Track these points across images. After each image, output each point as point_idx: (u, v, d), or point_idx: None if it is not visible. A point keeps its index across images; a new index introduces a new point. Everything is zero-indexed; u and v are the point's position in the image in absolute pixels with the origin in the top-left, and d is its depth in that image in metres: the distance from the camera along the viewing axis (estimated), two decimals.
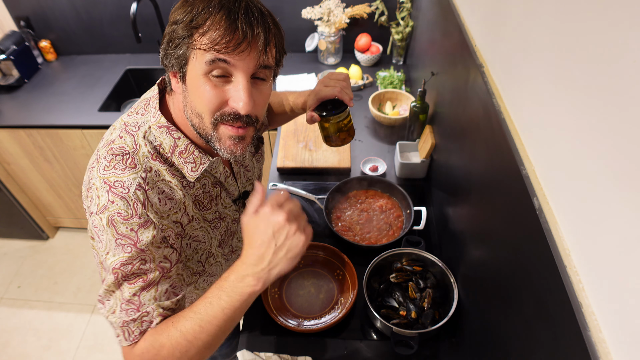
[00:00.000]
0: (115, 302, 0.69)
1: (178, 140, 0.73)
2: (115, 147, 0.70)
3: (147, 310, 0.68)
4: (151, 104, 0.75)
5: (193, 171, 0.75)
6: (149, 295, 0.69)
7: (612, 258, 0.47)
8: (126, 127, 0.73)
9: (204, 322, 0.66)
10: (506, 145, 0.73)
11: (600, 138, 0.49)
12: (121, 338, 0.68)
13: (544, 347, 0.59)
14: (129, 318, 0.68)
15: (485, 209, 0.88)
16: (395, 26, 1.94)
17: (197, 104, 0.67)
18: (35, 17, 2.13)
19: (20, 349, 2.02)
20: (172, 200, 0.73)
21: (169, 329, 0.67)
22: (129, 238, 0.67)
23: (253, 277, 0.66)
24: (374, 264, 1.10)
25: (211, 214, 0.83)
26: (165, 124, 0.73)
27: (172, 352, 0.66)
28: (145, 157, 0.70)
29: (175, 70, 0.68)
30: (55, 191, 2.22)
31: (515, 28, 0.77)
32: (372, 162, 1.52)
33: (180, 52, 0.64)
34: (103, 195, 0.67)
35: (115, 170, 0.68)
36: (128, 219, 0.67)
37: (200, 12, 0.62)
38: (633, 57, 0.43)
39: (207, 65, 0.63)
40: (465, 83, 1.02)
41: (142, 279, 0.68)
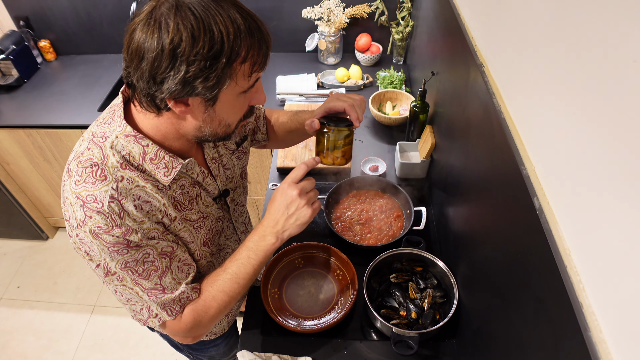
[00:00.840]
0: (142, 297, 0.76)
1: (147, 147, 0.73)
2: (84, 160, 0.70)
3: (183, 290, 0.79)
4: (116, 113, 0.74)
5: (166, 175, 0.75)
6: (169, 279, 0.77)
7: (613, 258, 0.47)
8: (93, 138, 0.72)
9: (240, 279, 0.82)
10: (506, 145, 0.73)
11: (601, 138, 0.49)
12: (163, 315, 0.79)
13: (544, 348, 0.59)
14: (168, 300, 0.77)
15: (485, 209, 0.88)
16: (395, 26, 1.94)
17: (231, 116, 0.73)
18: (35, 17, 2.13)
19: (19, 349, 2.02)
20: (149, 204, 0.73)
21: (211, 292, 0.82)
22: (119, 243, 0.70)
23: (272, 235, 0.82)
24: (374, 264, 1.10)
25: (194, 214, 0.84)
26: (131, 132, 0.72)
27: (219, 309, 0.82)
28: (114, 167, 0.70)
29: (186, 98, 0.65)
30: (54, 191, 2.22)
31: (515, 28, 0.77)
32: (372, 162, 1.51)
33: (215, 84, 0.63)
34: (78, 210, 0.68)
35: (86, 184, 0.68)
36: (109, 231, 0.68)
37: (236, 41, 0.62)
38: (633, 57, 0.43)
39: (249, 86, 0.69)
40: (465, 83, 1.02)
41: (153, 270, 0.75)
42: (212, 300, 0.82)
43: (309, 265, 1.21)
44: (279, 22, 2.04)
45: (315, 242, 1.22)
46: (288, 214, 0.81)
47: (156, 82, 0.62)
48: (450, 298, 1.05)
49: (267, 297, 1.12)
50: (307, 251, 1.22)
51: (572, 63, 0.56)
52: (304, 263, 1.21)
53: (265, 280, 1.15)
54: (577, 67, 0.55)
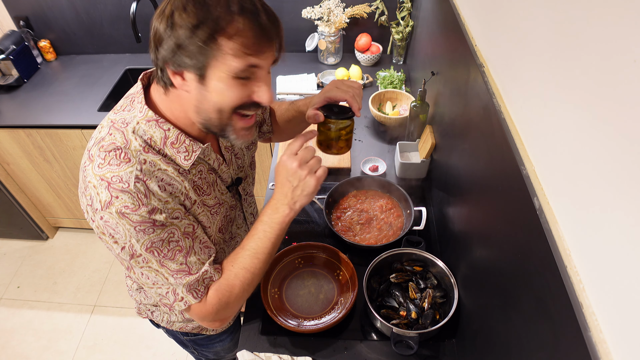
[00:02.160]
0: (168, 279, 0.76)
1: (168, 131, 0.75)
2: (106, 144, 0.71)
3: (206, 269, 0.79)
4: (136, 99, 0.75)
5: (186, 159, 0.77)
6: (194, 259, 0.78)
7: (613, 258, 0.47)
8: (114, 124, 0.74)
9: (259, 254, 0.82)
10: (506, 145, 0.73)
11: (601, 138, 0.49)
12: (189, 299, 0.78)
13: (544, 348, 0.59)
14: (192, 281, 0.77)
15: (485, 209, 0.88)
16: (395, 26, 1.94)
17: (221, 101, 0.70)
18: (35, 17, 2.12)
19: (19, 349, 2.02)
20: (172, 186, 0.75)
21: (233, 270, 0.82)
22: (146, 222, 0.70)
23: (285, 206, 0.82)
24: (374, 264, 1.10)
25: (211, 200, 0.86)
26: (153, 117, 0.74)
27: (243, 287, 0.82)
28: (137, 151, 0.71)
29: (182, 70, 0.67)
30: (54, 191, 2.22)
31: (515, 28, 0.77)
32: (372, 162, 1.51)
33: (198, 55, 0.64)
34: (103, 192, 0.68)
35: (110, 166, 0.69)
36: (136, 210, 0.69)
37: (222, 16, 0.62)
38: (633, 57, 0.43)
39: (239, 70, 0.66)
40: (465, 83, 1.02)
41: (178, 250, 0.76)
42: (234, 279, 0.81)
43: (309, 265, 1.21)
44: None
45: (315, 242, 1.22)
46: (293, 187, 0.80)
47: (157, 50, 0.66)
48: (450, 298, 1.05)
49: (267, 297, 1.12)
50: (307, 251, 1.22)
51: (572, 63, 0.56)
52: (304, 263, 1.21)
53: (265, 280, 1.15)
54: (577, 67, 0.55)
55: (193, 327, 1.10)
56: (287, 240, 1.29)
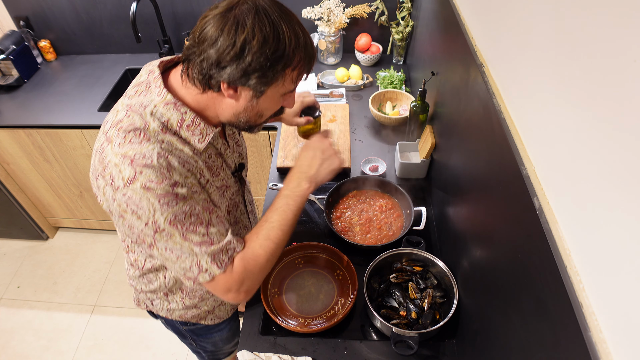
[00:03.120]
0: (192, 250, 0.78)
1: (185, 114, 0.79)
2: (125, 126, 0.74)
3: (229, 240, 0.82)
4: (153, 84, 0.79)
5: (200, 142, 0.81)
6: (215, 230, 0.80)
7: (613, 258, 0.47)
8: (131, 108, 0.77)
9: (283, 226, 0.88)
10: (506, 145, 0.73)
11: (601, 138, 0.49)
12: (213, 269, 0.80)
13: (544, 348, 0.59)
14: (216, 251, 0.80)
15: (485, 209, 0.88)
16: (395, 26, 1.94)
17: (266, 110, 0.82)
18: (35, 17, 2.12)
19: (19, 349, 2.02)
20: (189, 164, 0.79)
21: (257, 241, 0.87)
22: (170, 195, 0.73)
23: (306, 180, 0.91)
24: (374, 264, 1.10)
25: (220, 181, 0.91)
26: (171, 100, 0.77)
27: (267, 257, 0.86)
28: (155, 132, 0.75)
29: (239, 86, 0.74)
30: (54, 191, 2.22)
31: (515, 28, 0.77)
32: (372, 162, 1.51)
33: (267, 80, 0.74)
34: (126, 168, 0.71)
35: (132, 144, 0.73)
36: (161, 183, 0.72)
37: (292, 52, 0.72)
38: (633, 57, 0.43)
39: (290, 91, 0.80)
40: (465, 83, 1.02)
41: (199, 222, 0.78)
42: (259, 248, 0.86)
43: (309, 265, 1.21)
44: None
45: (315, 242, 1.22)
46: (322, 159, 0.92)
47: (219, 66, 0.71)
48: (450, 298, 1.05)
49: (267, 297, 1.12)
50: (307, 251, 1.22)
51: (572, 63, 0.56)
52: (304, 263, 1.21)
53: (265, 280, 1.15)
54: (577, 67, 0.55)
55: (192, 315, 1.11)
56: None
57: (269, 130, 1.79)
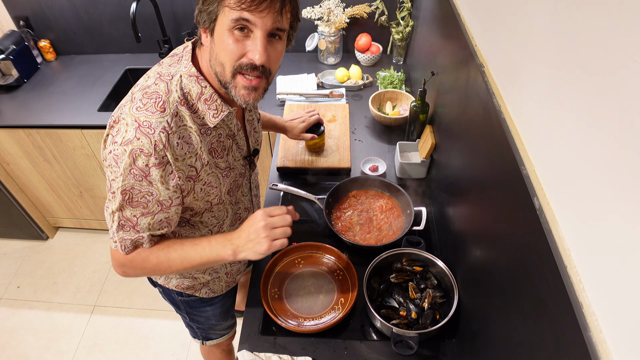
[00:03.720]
0: (116, 220, 0.84)
1: (205, 88, 0.83)
2: (150, 92, 0.80)
3: (142, 236, 0.87)
4: (184, 57, 0.85)
5: (214, 117, 0.85)
6: (145, 221, 0.85)
7: (613, 258, 0.47)
8: (160, 76, 0.83)
9: (184, 259, 0.90)
10: (506, 145, 0.73)
11: (601, 137, 0.49)
12: (117, 246, 0.88)
13: (544, 348, 0.59)
14: (127, 237, 0.86)
15: (485, 209, 0.88)
16: (395, 26, 1.94)
17: (221, 55, 0.78)
18: (35, 17, 2.12)
19: (19, 349, 2.02)
20: (189, 145, 0.83)
21: (159, 252, 0.90)
22: (142, 171, 0.78)
23: (230, 249, 0.89)
24: (374, 264, 1.10)
25: (224, 163, 0.93)
26: (195, 73, 0.83)
27: (154, 267, 0.91)
28: (174, 102, 0.80)
29: (206, 26, 0.78)
30: (54, 191, 2.22)
31: (515, 28, 0.77)
32: (372, 162, 1.51)
33: (211, 8, 0.75)
34: (130, 130, 0.77)
35: (147, 111, 0.78)
36: (148, 155, 0.77)
37: None
38: (633, 57, 0.43)
39: (232, 22, 0.74)
40: (465, 83, 1.02)
41: (142, 206, 0.83)
42: (155, 258, 0.90)
43: (309, 265, 1.21)
44: None
45: (315, 242, 1.22)
46: (248, 239, 0.88)
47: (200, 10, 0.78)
48: (450, 298, 1.05)
49: (267, 297, 1.12)
50: (307, 251, 1.22)
51: (572, 63, 0.56)
52: (304, 263, 1.21)
53: (265, 280, 1.15)
54: (577, 66, 0.55)
55: (188, 285, 1.15)
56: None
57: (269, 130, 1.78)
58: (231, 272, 1.23)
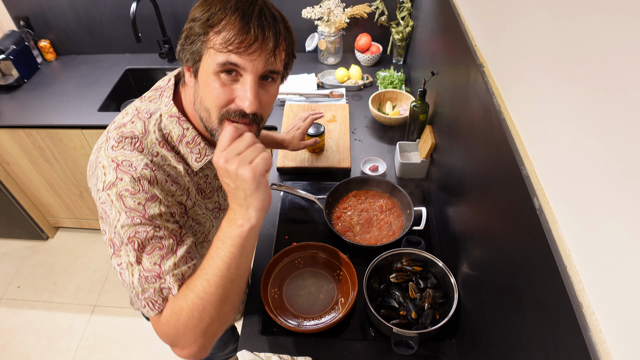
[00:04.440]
0: (136, 273, 0.70)
1: (187, 130, 0.77)
2: (125, 131, 0.74)
3: (165, 279, 0.70)
4: (165, 93, 0.78)
5: (197, 161, 0.79)
6: (170, 263, 0.70)
7: (613, 258, 0.47)
8: (138, 113, 0.76)
9: (210, 276, 0.68)
10: (506, 145, 0.73)
11: (601, 138, 0.49)
12: (147, 309, 0.71)
13: (544, 348, 0.59)
14: (151, 289, 0.69)
15: (485, 209, 0.88)
16: (395, 26, 1.94)
17: (206, 99, 0.70)
18: (35, 17, 2.12)
19: (20, 349, 2.02)
20: (177, 184, 0.77)
21: (185, 292, 0.70)
22: (137, 211, 0.69)
23: (239, 217, 0.68)
24: (374, 264, 1.10)
25: (212, 204, 0.87)
26: (176, 114, 0.76)
27: (191, 313, 0.68)
28: (152, 143, 0.74)
29: (189, 65, 0.71)
30: (54, 191, 2.22)
31: (515, 28, 0.77)
32: (372, 162, 1.51)
33: (195, 48, 0.68)
34: (110, 172, 0.70)
35: (124, 150, 0.71)
36: (135, 193, 0.69)
37: (217, 12, 0.65)
38: (633, 57, 0.43)
39: (218, 66, 0.67)
40: (465, 83, 1.02)
41: (158, 247, 0.70)
42: (183, 301, 0.69)
43: (309, 265, 1.21)
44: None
45: (315, 242, 1.22)
46: (233, 189, 0.67)
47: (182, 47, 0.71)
48: (450, 298, 1.05)
49: (267, 297, 1.12)
50: (307, 251, 1.22)
51: (572, 63, 0.56)
52: (304, 263, 1.21)
53: (265, 280, 1.15)
54: (577, 66, 0.55)
55: None
56: (287, 240, 1.29)
57: (269, 130, 1.78)
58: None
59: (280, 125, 1.71)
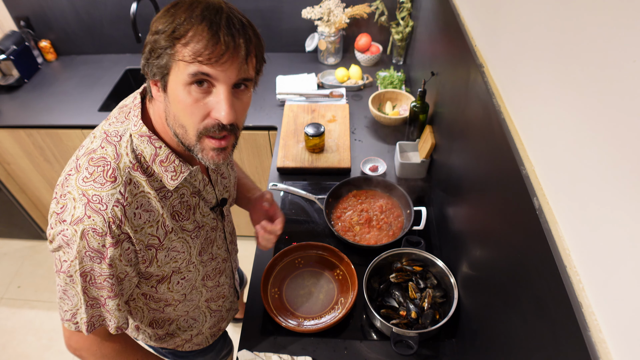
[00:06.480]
0: (79, 299, 0.75)
1: (159, 149, 0.74)
2: (96, 158, 0.70)
3: (112, 317, 0.78)
4: (132, 112, 0.75)
5: (173, 179, 0.75)
6: (113, 303, 0.77)
7: (612, 258, 0.47)
8: (107, 137, 0.73)
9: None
10: (506, 145, 0.73)
11: (601, 138, 0.49)
12: (80, 326, 0.78)
13: (544, 348, 0.59)
14: (97, 313, 0.77)
15: (485, 209, 0.88)
16: (395, 26, 1.94)
17: (180, 115, 0.68)
18: (35, 17, 2.13)
19: (20, 349, 2.02)
20: (149, 213, 0.74)
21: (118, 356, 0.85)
22: (99, 252, 0.70)
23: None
24: (374, 264, 1.10)
25: (190, 224, 0.84)
26: (146, 132, 0.73)
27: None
28: (126, 168, 0.71)
29: (156, 79, 0.68)
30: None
31: (515, 28, 0.77)
32: (372, 162, 1.51)
33: (162, 62, 0.64)
34: (79, 207, 0.68)
35: (95, 183, 0.69)
36: (102, 235, 0.68)
37: (183, 22, 0.62)
38: (633, 57, 0.43)
39: (189, 77, 0.64)
40: (465, 83, 1.02)
41: (107, 289, 0.75)
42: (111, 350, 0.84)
43: (309, 265, 1.21)
44: (279, 22, 2.04)
45: (315, 242, 1.22)
46: None
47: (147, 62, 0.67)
48: (450, 298, 1.05)
49: (267, 297, 1.12)
50: (307, 251, 1.22)
51: (572, 63, 0.56)
52: (304, 263, 1.21)
53: (265, 280, 1.15)
54: (577, 67, 0.55)
55: (169, 344, 1.06)
56: (287, 240, 1.29)
57: (269, 130, 1.79)
58: (215, 325, 1.13)
59: (280, 125, 1.71)
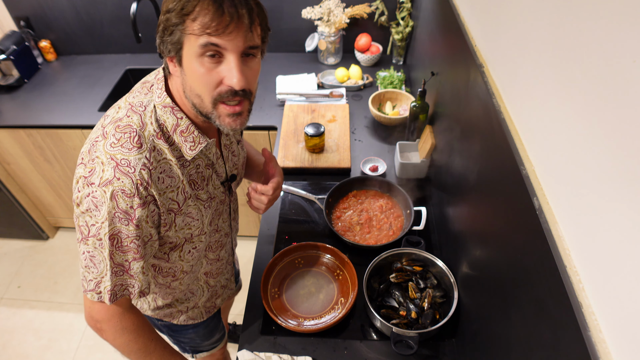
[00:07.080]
0: (105, 265, 0.78)
1: (180, 120, 0.79)
2: (122, 125, 0.75)
3: (136, 282, 0.81)
4: (155, 85, 0.80)
5: (191, 149, 0.81)
6: (138, 265, 0.80)
7: (612, 258, 0.47)
8: (132, 107, 0.77)
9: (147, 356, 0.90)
10: (506, 145, 0.73)
11: (600, 138, 0.49)
12: (103, 296, 0.80)
13: (544, 347, 0.59)
14: (119, 282, 0.80)
15: (485, 209, 0.88)
16: (395, 26, 1.94)
17: (195, 85, 0.73)
18: (35, 17, 2.13)
19: (20, 349, 2.02)
20: (171, 178, 0.79)
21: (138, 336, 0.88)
22: (127, 214, 0.74)
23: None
24: (374, 264, 1.10)
25: (205, 194, 0.89)
26: (170, 104, 0.78)
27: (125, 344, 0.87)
28: (151, 136, 0.76)
29: (172, 55, 0.73)
30: (55, 191, 2.22)
31: (515, 28, 0.77)
32: (372, 162, 1.52)
33: (175, 38, 0.70)
34: (108, 170, 0.72)
35: (122, 148, 0.73)
36: (131, 196, 0.72)
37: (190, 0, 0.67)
38: (632, 57, 0.43)
39: (200, 49, 0.69)
40: (465, 83, 1.02)
41: (133, 251, 0.78)
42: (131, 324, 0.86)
43: (309, 265, 1.21)
44: (279, 22, 2.04)
45: (315, 242, 1.22)
46: None
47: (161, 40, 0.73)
48: (450, 298, 1.05)
49: (267, 297, 1.13)
50: (307, 251, 1.22)
51: (572, 63, 0.56)
52: (304, 263, 1.21)
53: (265, 280, 1.15)
54: (577, 67, 0.55)
55: (164, 314, 1.11)
56: (287, 240, 1.30)
57: (269, 130, 1.79)
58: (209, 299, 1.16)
59: (280, 125, 1.71)
